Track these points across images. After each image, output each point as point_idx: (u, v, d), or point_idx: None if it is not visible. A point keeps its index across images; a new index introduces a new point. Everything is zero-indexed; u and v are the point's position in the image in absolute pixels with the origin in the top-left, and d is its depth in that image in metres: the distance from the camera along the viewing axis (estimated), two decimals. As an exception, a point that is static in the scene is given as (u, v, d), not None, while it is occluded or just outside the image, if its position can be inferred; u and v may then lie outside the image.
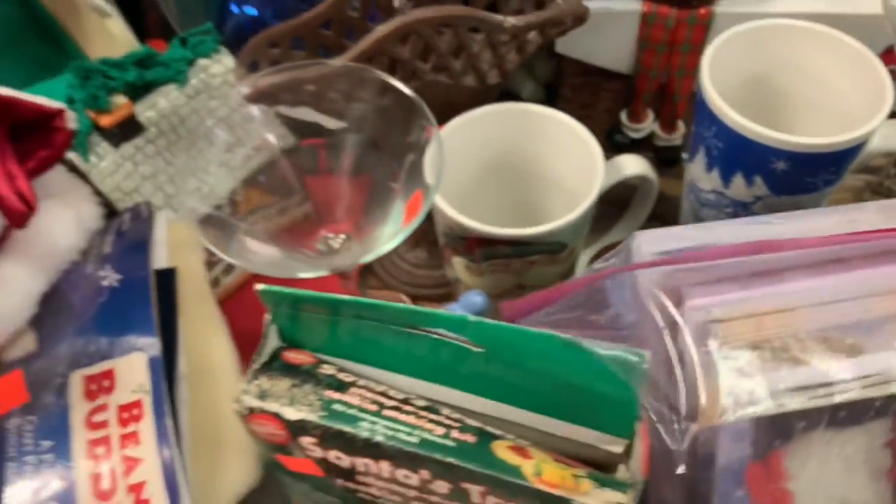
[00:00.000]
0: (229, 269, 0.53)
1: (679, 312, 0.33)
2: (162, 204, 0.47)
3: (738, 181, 0.44)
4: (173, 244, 0.42)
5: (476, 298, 0.38)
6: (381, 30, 0.38)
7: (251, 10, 0.57)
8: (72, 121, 0.39)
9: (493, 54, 0.41)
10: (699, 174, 0.46)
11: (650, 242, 0.38)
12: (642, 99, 0.55)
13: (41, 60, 0.59)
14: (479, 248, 0.40)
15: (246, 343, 0.42)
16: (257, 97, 0.40)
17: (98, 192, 0.45)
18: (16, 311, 0.36)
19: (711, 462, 0.33)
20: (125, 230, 0.43)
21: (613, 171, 0.43)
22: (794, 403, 0.32)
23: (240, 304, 0.51)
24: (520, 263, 0.40)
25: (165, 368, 0.36)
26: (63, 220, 0.41)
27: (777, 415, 0.32)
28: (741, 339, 0.33)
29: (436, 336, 0.29)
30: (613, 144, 0.58)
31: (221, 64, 0.47)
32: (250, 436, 0.32)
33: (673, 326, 0.33)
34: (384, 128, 0.40)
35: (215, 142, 0.49)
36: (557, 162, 0.45)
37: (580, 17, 0.43)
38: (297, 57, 0.45)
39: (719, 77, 0.44)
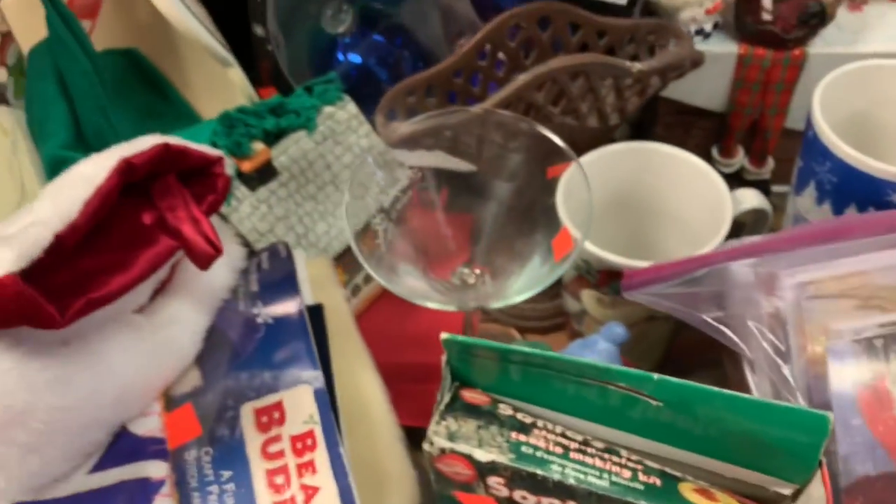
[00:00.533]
0: (369, 277, 0.55)
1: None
2: (294, 243, 0.49)
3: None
4: (313, 281, 0.44)
5: (618, 330, 0.39)
6: (523, 78, 0.40)
7: (355, 58, 0.60)
8: (229, 167, 0.41)
9: (618, 97, 0.44)
10: (808, 207, 0.48)
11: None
12: (735, 136, 0.57)
13: (147, 109, 0.62)
14: (612, 280, 0.42)
15: (384, 348, 0.43)
16: (402, 142, 0.42)
17: (238, 233, 0.48)
18: (189, 347, 0.38)
19: (825, 390, 0.35)
20: (266, 268, 0.45)
21: (734, 204, 0.45)
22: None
23: (380, 311, 0.53)
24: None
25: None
26: (217, 261, 0.43)
27: (872, 342, 0.34)
28: (831, 291, 0.36)
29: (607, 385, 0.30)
30: (705, 180, 0.60)
31: (345, 111, 0.50)
32: (430, 472, 0.33)
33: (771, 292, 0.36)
34: (521, 169, 0.42)
35: (340, 186, 0.52)
36: (679, 199, 0.47)
37: (697, 62, 0.45)
38: (430, 104, 0.48)
39: (826, 114, 0.46)
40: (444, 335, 0.32)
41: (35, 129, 0.55)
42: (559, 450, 0.30)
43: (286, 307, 0.41)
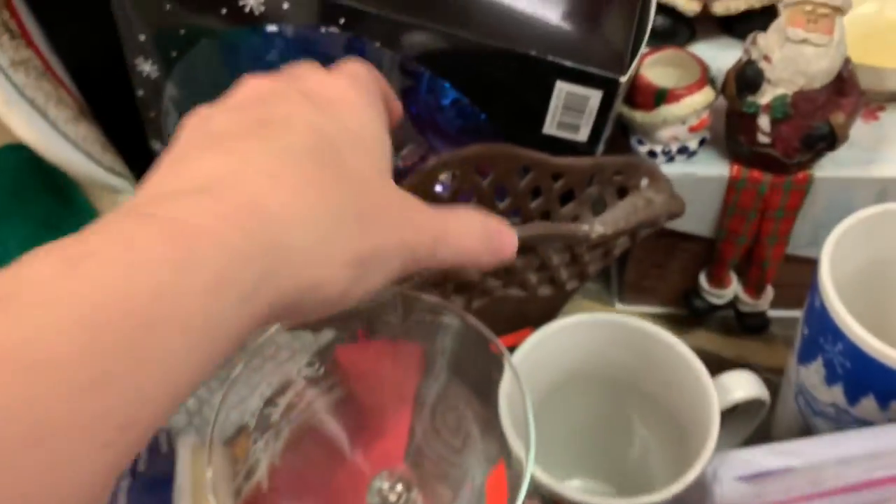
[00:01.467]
0: (251, 471, 0.47)
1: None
2: (183, 423, 0.41)
3: (869, 404, 0.37)
4: (197, 482, 0.36)
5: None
6: None
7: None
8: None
9: (575, 263, 0.35)
10: (814, 383, 0.39)
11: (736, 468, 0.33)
12: (727, 264, 0.48)
13: (45, 217, 0.53)
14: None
15: None
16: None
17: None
18: None
19: None
20: (141, 470, 0.37)
21: (720, 394, 0.36)
22: None
23: None
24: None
25: None
26: None
27: None
28: None
29: None
30: (692, 310, 0.51)
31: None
32: None
33: None
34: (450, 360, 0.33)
35: (247, 348, 0.43)
36: (656, 381, 0.38)
37: (676, 213, 0.36)
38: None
39: (836, 269, 0.37)
40: None
41: None
42: None
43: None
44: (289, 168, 0.21)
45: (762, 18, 0.45)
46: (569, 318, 0.37)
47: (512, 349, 0.34)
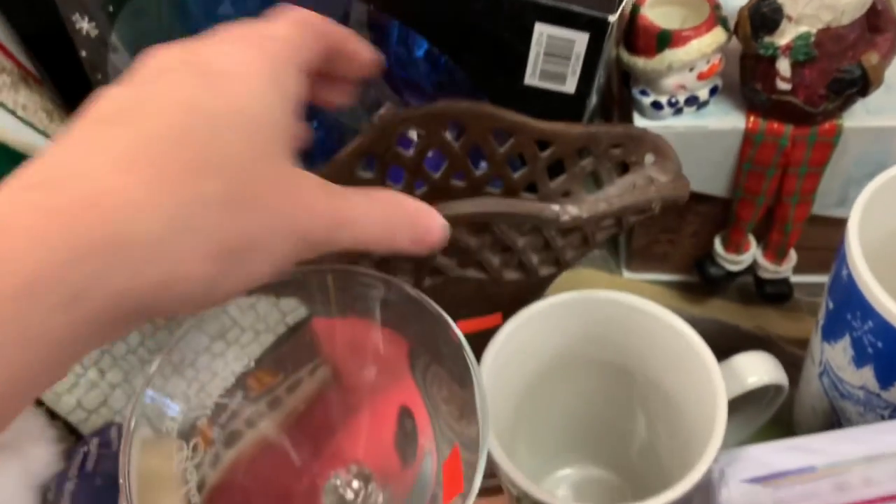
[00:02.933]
0: (215, 460, 0.43)
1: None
2: (137, 415, 0.37)
3: (905, 389, 0.32)
4: (147, 480, 0.32)
5: None
6: None
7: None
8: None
9: (546, 246, 0.30)
10: (841, 364, 0.34)
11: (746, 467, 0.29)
12: (744, 228, 0.43)
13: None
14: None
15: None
16: None
17: (53, 415, 0.36)
18: None
19: None
20: (90, 471, 0.33)
21: (731, 380, 0.31)
22: None
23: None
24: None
25: None
26: (6, 478, 0.31)
27: None
28: None
29: None
30: (707, 278, 0.46)
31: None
32: None
33: None
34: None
35: (203, 327, 0.39)
36: (657, 366, 0.33)
37: (679, 199, 0.31)
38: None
39: (865, 235, 0.32)
40: None
41: None
42: None
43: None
44: (144, 156, 0.19)
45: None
46: (560, 295, 0.33)
47: (477, 335, 0.30)
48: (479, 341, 0.32)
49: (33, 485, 0.32)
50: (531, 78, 0.32)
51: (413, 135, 0.34)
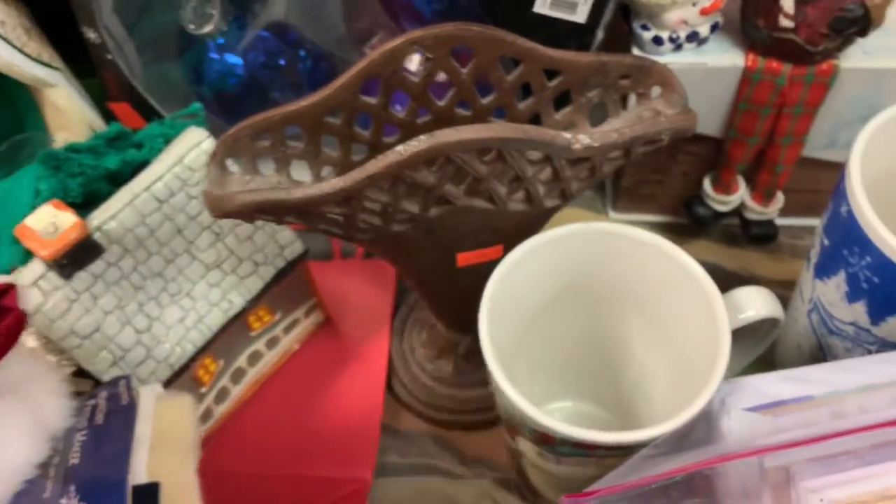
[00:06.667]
0: (223, 395, 0.43)
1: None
2: (132, 344, 0.36)
3: (896, 324, 0.33)
4: (161, 438, 0.32)
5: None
6: (394, 157, 0.26)
7: (234, 60, 0.45)
8: (26, 298, 0.28)
9: (555, 177, 0.30)
10: (832, 299, 0.35)
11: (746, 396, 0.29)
12: (735, 168, 0.44)
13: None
14: (560, 445, 0.30)
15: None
16: (240, 215, 0.29)
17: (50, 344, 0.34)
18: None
19: None
20: (100, 423, 0.32)
21: (730, 313, 0.32)
22: None
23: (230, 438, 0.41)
24: (612, 460, 0.30)
25: None
26: (16, 431, 0.30)
27: None
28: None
29: None
30: (694, 218, 0.47)
31: (202, 150, 0.36)
32: None
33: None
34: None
35: (199, 255, 0.38)
36: (652, 295, 0.34)
37: (687, 131, 0.31)
38: (294, 151, 0.34)
39: (866, 171, 0.33)
40: None
41: None
42: None
43: (102, 497, 0.29)
44: None
45: None
46: (559, 228, 0.33)
47: (481, 266, 0.29)
48: (481, 272, 0.32)
49: (46, 437, 0.31)
50: (541, 6, 0.31)
51: (412, 66, 0.34)
